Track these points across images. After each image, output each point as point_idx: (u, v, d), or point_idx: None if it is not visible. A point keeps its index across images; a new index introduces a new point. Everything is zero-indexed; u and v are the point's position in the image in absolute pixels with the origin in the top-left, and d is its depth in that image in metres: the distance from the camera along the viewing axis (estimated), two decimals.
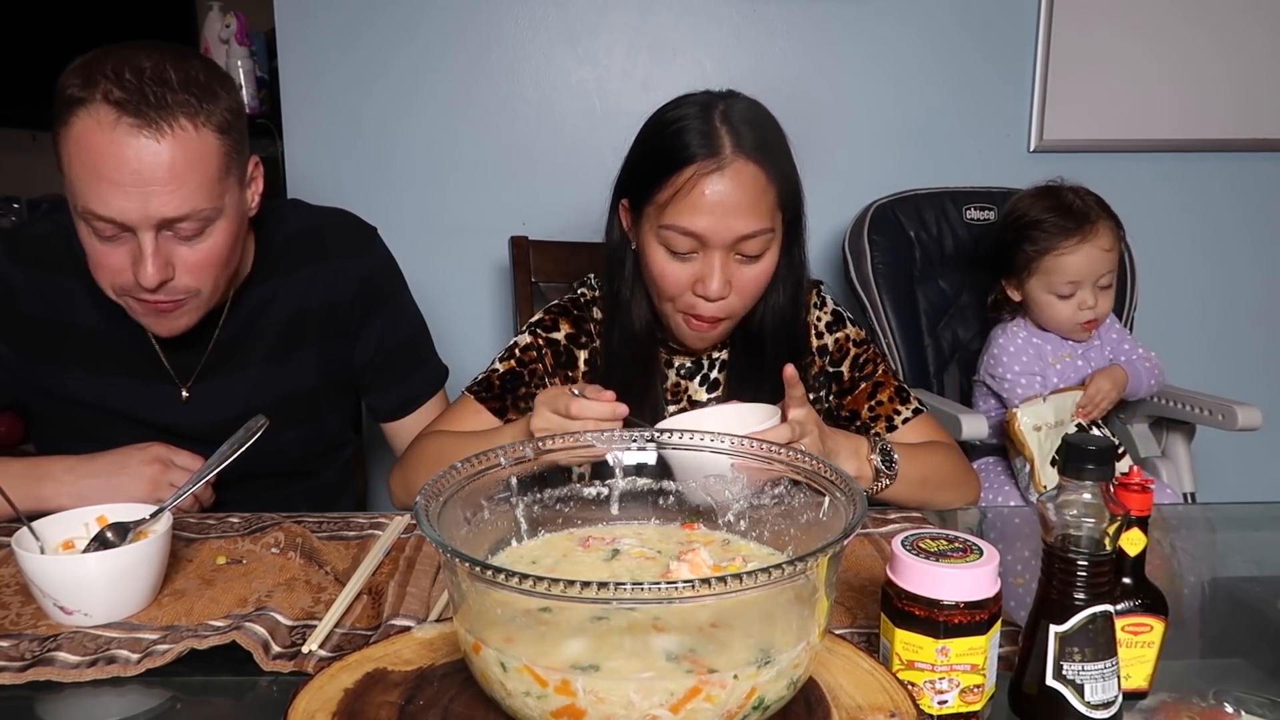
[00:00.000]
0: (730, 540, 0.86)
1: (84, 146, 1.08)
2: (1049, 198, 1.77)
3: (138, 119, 1.07)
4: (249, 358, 1.33)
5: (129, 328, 1.27)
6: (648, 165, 1.24)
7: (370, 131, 2.13)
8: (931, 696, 0.74)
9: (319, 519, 1.14)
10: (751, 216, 1.20)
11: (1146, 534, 0.80)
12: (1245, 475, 2.39)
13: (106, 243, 1.13)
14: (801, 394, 1.12)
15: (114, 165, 1.07)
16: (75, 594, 0.87)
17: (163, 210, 1.10)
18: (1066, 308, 1.76)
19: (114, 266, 1.15)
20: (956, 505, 1.29)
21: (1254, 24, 2.20)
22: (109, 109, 1.07)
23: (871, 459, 1.20)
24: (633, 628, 0.65)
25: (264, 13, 2.16)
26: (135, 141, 1.07)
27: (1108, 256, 1.74)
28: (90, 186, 1.09)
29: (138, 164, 1.08)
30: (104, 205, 1.09)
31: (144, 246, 1.11)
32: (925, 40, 2.17)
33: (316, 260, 1.35)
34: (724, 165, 1.18)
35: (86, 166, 1.08)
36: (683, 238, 1.20)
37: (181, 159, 1.09)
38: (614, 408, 1.07)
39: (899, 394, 1.36)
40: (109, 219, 1.10)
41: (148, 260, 1.12)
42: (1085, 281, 1.74)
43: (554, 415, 1.08)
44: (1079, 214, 1.73)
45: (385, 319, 1.41)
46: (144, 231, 1.11)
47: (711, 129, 1.20)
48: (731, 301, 1.24)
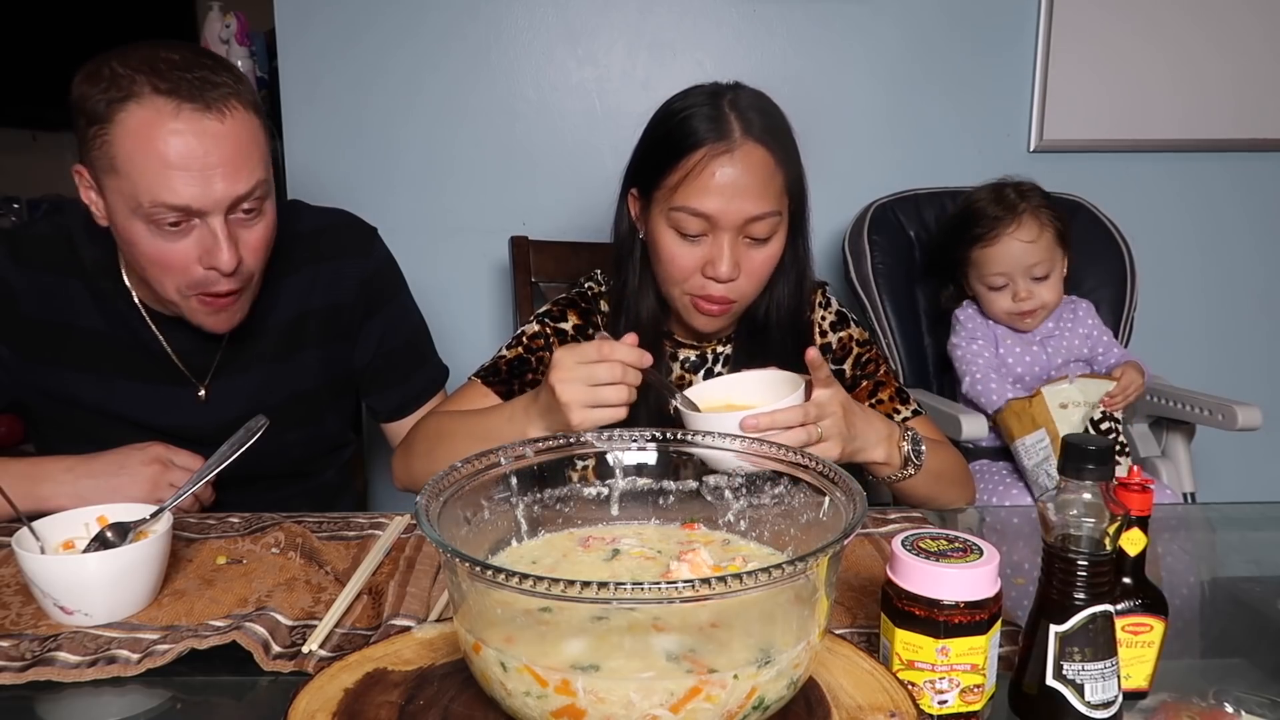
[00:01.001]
0: (730, 540, 0.86)
1: (146, 140, 1.08)
2: (988, 190, 1.82)
3: (198, 104, 1.09)
4: (253, 359, 1.33)
5: (131, 330, 1.27)
6: (658, 151, 1.26)
7: (370, 132, 2.13)
8: (931, 696, 0.74)
9: (319, 519, 1.14)
10: (760, 199, 1.21)
11: (1146, 534, 0.80)
12: (1245, 475, 2.39)
13: (171, 238, 1.13)
14: (826, 375, 1.11)
15: (184, 152, 1.08)
16: (75, 594, 0.87)
17: (234, 190, 1.11)
18: (1002, 299, 1.79)
19: (181, 263, 1.14)
20: (958, 504, 1.30)
21: (1255, 24, 2.20)
22: (165, 99, 1.08)
23: (902, 446, 1.19)
24: (633, 628, 0.65)
25: (264, 13, 2.16)
26: (201, 125, 1.09)
27: (1031, 248, 1.75)
28: (159, 179, 1.08)
29: (207, 147, 1.09)
30: (176, 194, 1.09)
31: (217, 231, 1.12)
32: (925, 40, 2.17)
33: (318, 261, 1.36)
34: (734, 148, 1.20)
35: (153, 159, 1.08)
36: (693, 219, 1.22)
37: (243, 136, 1.12)
38: (641, 353, 1.07)
39: (899, 395, 1.37)
40: (183, 207, 1.10)
41: (223, 244, 1.13)
42: (1014, 273, 1.77)
43: (577, 364, 1.06)
44: (1005, 204, 1.77)
45: (386, 319, 1.42)
46: (214, 216, 1.12)
47: (720, 114, 1.22)
48: (740, 284, 1.25)
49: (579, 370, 1.06)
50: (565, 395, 1.06)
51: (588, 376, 1.06)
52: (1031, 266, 1.76)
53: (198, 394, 1.31)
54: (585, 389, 1.06)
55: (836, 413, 1.09)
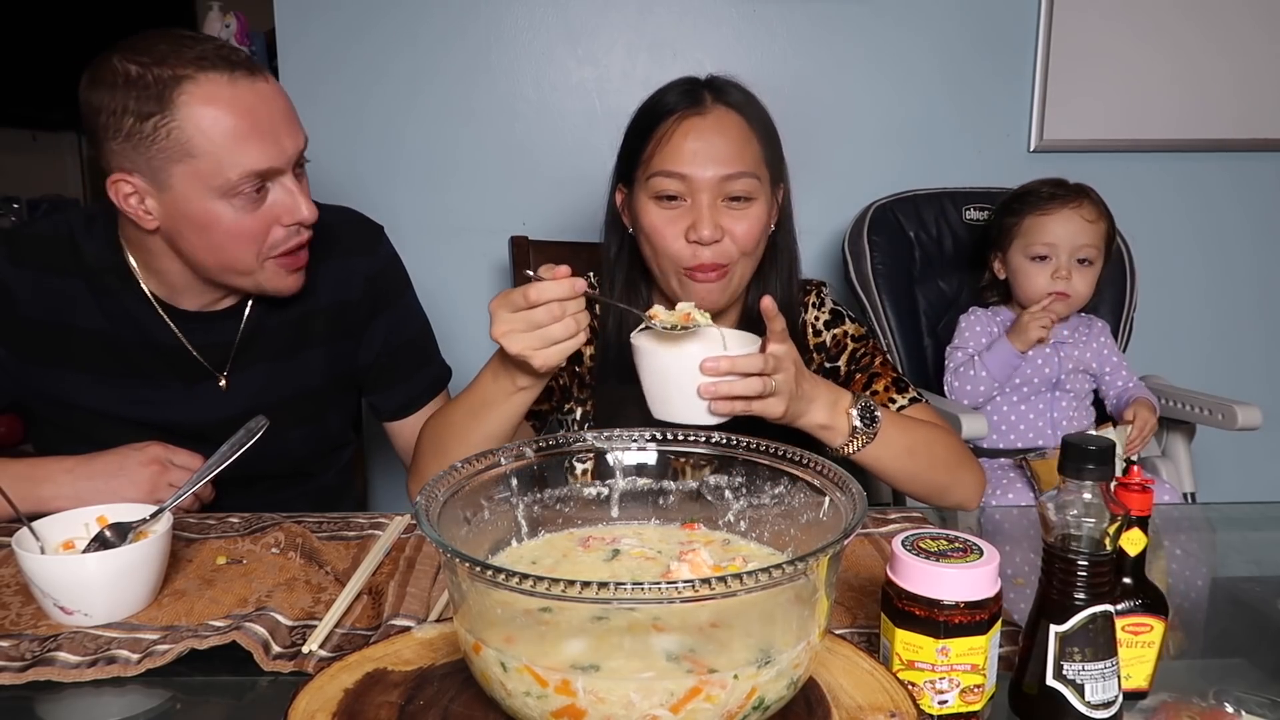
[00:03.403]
0: (730, 540, 0.86)
1: (214, 115, 1.10)
2: (1050, 178, 1.83)
3: (248, 70, 1.13)
4: (261, 356, 1.33)
5: (139, 327, 1.27)
6: (636, 138, 1.29)
7: (370, 132, 2.13)
8: (932, 696, 0.74)
9: (319, 519, 1.14)
10: (734, 160, 1.23)
11: (1147, 534, 0.80)
12: (1245, 475, 2.39)
13: (255, 205, 1.16)
14: (781, 328, 1.10)
15: (255, 116, 1.12)
16: (75, 594, 0.87)
17: (298, 143, 1.17)
18: (1040, 273, 1.79)
19: (264, 228, 1.18)
20: (958, 494, 1.26)
21: (1255, 24, 2.20)
22: (215, 73, 1.11)
23: (850, 412, 1.16)
24: (633, 628, 0.65)
25: (264, 13, 2.16)
26: (257, 89, 1.13)
27: (1089, 228, 1.77)
28: (238, 149, 1.11)
29: (271, 108, 1.14)
30: (256, 159, 1.13)
31: (292, 187, 1.17)
32: (925, 40, 2.17)
33: (325, 258, 1.35)
34: (705, 111, 1.25)
35: (226, 132, 1.11)
36: (669, 180, 1.24)
37: (284, 92, 1.18)
38: (572, 283, 1.04)
39: (896, 384, 1.35)
40: (265, 170, 1.14)
41: (301, 197, 1.18)
42: (1062, 247, 1.77)
43: (513, 314, 1.04)
44: (1069, 187, 1.79)
45: (391, 318, 1.41)
46: (287, 174, 1.17)
47: (694, 89, 1.27)
48: (727, 248, 1.25)
49: (517, 320, 1.04)
50: (514, 348, 1.04)
51: (527, 322, 1.04)
52: (1081, 247, 1.77)
53: (219, 384, 1.31)
54: (530, 335, 1.04)
55: (790, 369, 1.09)
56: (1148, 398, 1.80)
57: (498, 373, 1.13)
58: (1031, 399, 1.82)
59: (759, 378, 1.05)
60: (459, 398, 1.22)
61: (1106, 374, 1.86)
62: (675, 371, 1.05)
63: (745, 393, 1.03)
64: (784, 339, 1.10)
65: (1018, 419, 1.82)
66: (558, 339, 1.05)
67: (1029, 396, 1.82)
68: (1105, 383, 1.87)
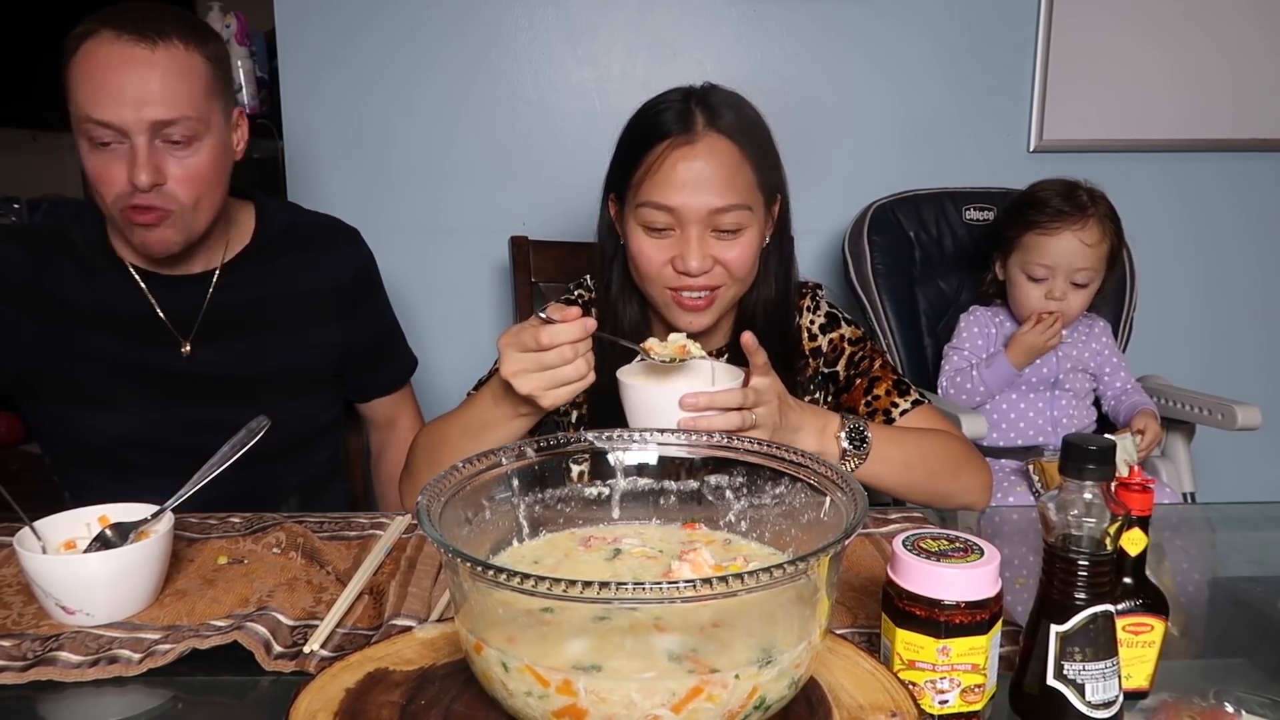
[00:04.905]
0: (731, 540, 0.86)
1: (87, 65, 1.21)
2: (1060, 184, 1.80)
3: (134, 34, 1.21)
4: (243, 326, 1.40)
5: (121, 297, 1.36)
6: (626, 153, 1.27)
7: (370, 131, 2.13)
8: (932, 696, 0.74)
9: (320, 519, 1.14)
10: (725, 191, 1.21)
11: (1147, 534, 0.80)
12: (1245, 475, 2.39)
13: (104, 155, 1.24)
14: (763, 362, 1.09)
15: (112, 75, 1.20)
16: (77, 594, 0.87)
17: (154, 113, 1.22)
18: (1035, 292, 1.79)
19: (111, 176, 1.25)
20: (963, 499, 1.26)
21: (1255, 24, 2.20)
22: (110, 32, 1.22)
23: (838, 436, 1.16)
24: (634, 628, 0.65)
25: (264, 13, 2.16)
26: (132, 52, 1.21)
27: (1088, 252, 1.75)
28: (92, 97, 1.21)
29: (135, 71, 1.21)
30: (103, 110, 1.20)
31: (138, 150, 1.23)
32: (925, 40, 2.17)
33: (315, 247, 1.46)
34: (695, 140, 1.21)
35: (89, 80, 1.21)
36: (657, 213, 1.22)
37: (172, 68, 1.23)
38: (583, 324, 1.04)
39: (897, 387, 1.33)
40: (107, 123, 1.21)
41: (141, 162, 1.23)
42: (1059, 269, 1.76)
43: (523, 354, 1.05)
44: (1076, 203, 1.76)
45: (373, 307, 1.55)
46: (138, 135, 1.22)
47: (687, 110, 1.23)
48: (718, 276, 1.24)
49: (527, 361, 1.05)
50: (525, 388, 1.05)
51: (538, 364, 1.04)
52: (1078, 270, 1.75)
53: (182, 349, 1.37)
54: (540, 376, 1.05)
55: (772, 401, 1.08)
56: (1150, 407, 1.81)
57: (499, 399, 1.14)
58: (1031, 397, 1.83)
59: (738, 412, 1.04)
60: (456, 414, 1.22)
61: (1106, 374, 1.86)
62: (656, 407, 1.05)
63: (725, 427, 1.02)
64: (767, 371, 1.10)
65: (1017, 417, 1.82)
66: (568, 380, 1.05)
67: (1028, 394, 1.83)
68: (1103, 383, 1.87)
